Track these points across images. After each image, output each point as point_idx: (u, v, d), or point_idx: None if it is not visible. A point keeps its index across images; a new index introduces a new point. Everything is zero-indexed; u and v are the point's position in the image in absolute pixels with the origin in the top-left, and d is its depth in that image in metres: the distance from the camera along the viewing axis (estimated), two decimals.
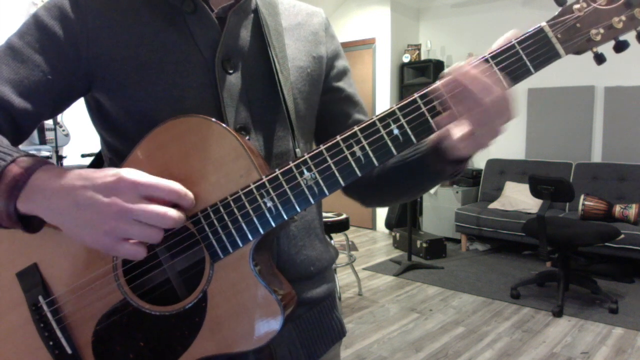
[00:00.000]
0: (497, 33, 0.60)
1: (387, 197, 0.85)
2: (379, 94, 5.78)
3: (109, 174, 0.58)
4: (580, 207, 4.21)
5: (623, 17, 0.58)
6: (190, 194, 0.61)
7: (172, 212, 0.58)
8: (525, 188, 4.23)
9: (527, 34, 0.59)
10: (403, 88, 5.68)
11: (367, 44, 5.83)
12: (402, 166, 0.76)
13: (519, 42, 0.59)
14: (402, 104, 0.61)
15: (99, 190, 0.56)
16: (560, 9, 0.59)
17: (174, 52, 0.70)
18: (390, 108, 0.61)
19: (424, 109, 0.61)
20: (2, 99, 0.65)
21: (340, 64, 0.88)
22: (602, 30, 0.58)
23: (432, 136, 0.65)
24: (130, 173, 0.58)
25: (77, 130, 3.37)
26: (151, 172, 0.65)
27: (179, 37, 0.71)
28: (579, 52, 0.60)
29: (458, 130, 0.62)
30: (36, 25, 0.68)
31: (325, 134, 0.85)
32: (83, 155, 3.17)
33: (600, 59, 0.61)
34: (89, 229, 0.57)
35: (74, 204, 0.57)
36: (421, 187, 0.78)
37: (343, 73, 0.88)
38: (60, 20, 0.68)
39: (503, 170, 5.14)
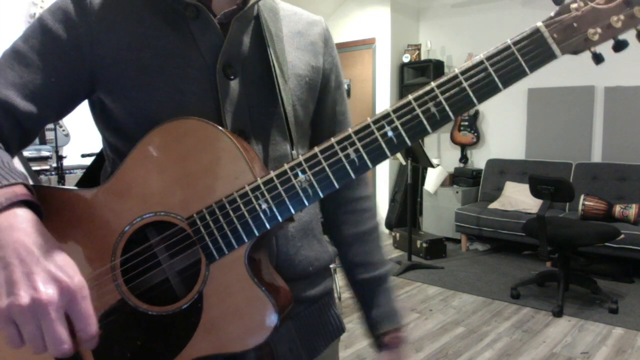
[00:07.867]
0: (497, 33, 0.60)
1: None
2: (379, 94, 5.78)
3: (69, 272, 0.55)
4: (580, 207, 4.21)
5: (622, 16, 0.57)
6: (93, 345, 0.57)
7: (67, 347, 0.54)
8: (525, 188, 4.23)
9: (523, 35, 0.58)
10: (403, 88, 5.68)
11: (367, 44, 5.83)
12: (357, 294, 0.91)
13: (515, 43, 0.58)
14: (396, 106, 0.62)
15: (44, 271, 0.54)
16: (557, 8, 0.58)
17: (176, 56, 0.70)
18: (385, 110, 0.62)
19: (418, 110, 0.61)
20: (7, 102, 0.66)
21: (336, 78, 0.88)
22: (600, 30, 0.57)
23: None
24: (78, 283, 0.56)
25: (77, 130, 3.37)
26: (148, 174, 0.66)
27: (181, 41, 0.71)
28: (576, 52, 0.59)
29: None
30: (41, 29, 0.69)
31: (310, 147, 0.86)
32: (83, 155, 3.16)
33: (598, 58, 0.59)
34: None
35: (14, 258, 0.54)
36: None
37: (337, 88, 0.88)
38: (64, 24, 0.69)
39: (503, 170, 5.14)
